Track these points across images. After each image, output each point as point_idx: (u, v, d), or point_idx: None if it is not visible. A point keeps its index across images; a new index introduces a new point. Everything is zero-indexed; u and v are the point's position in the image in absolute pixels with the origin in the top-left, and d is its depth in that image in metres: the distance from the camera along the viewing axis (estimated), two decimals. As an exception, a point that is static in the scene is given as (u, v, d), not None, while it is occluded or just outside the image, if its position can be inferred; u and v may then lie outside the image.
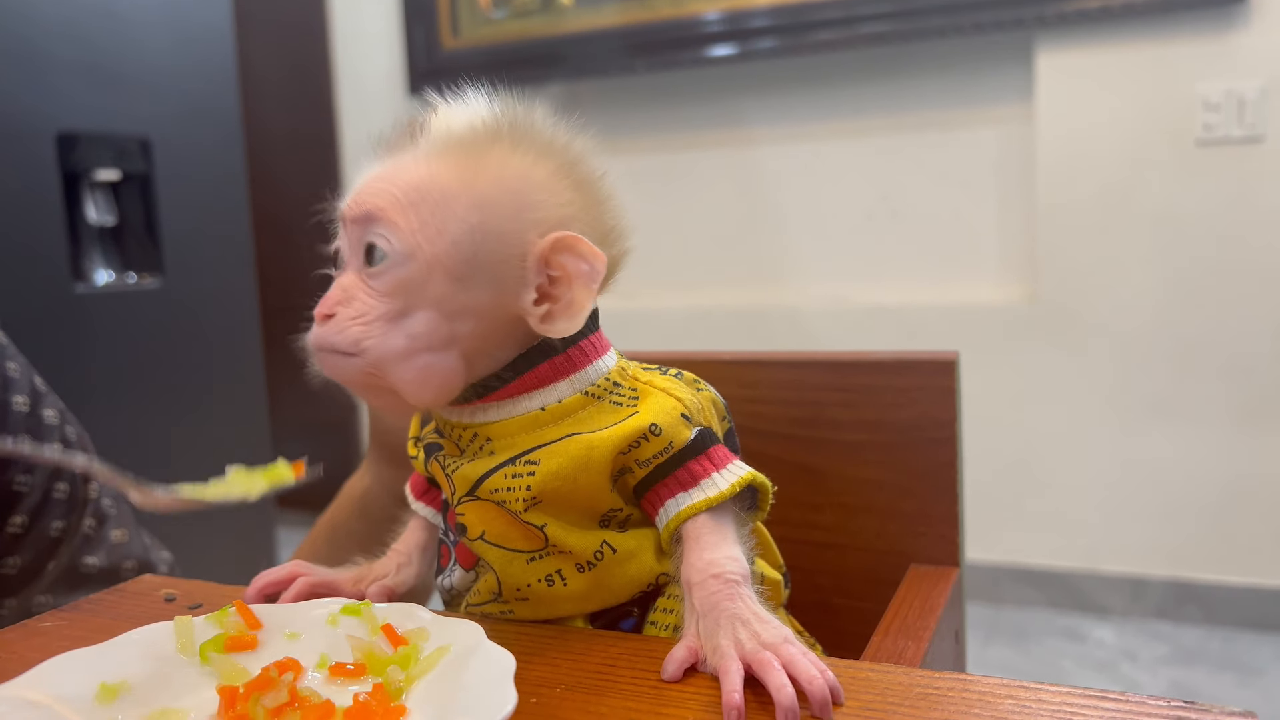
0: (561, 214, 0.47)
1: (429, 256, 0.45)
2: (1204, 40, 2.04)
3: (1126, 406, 2.17)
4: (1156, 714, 0.37)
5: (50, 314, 1.75)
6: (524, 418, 0.47)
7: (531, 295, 0.46)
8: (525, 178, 0.47)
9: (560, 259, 0.46)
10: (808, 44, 2.32)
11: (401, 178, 0.46)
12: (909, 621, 0.56)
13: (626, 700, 0.40)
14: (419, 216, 0.45)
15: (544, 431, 0.47)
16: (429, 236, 0.45)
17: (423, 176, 0.46)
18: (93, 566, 0.74)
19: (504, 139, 0.47)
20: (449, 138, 0.47)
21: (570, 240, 0.46)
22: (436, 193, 0.46)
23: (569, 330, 0.46)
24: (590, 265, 0.46)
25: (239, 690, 0.38)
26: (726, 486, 0.46)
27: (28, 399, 0.72)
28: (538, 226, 0.46)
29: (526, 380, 0.47)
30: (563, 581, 0.48)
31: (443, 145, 0.47)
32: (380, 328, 0.45)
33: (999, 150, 2.28)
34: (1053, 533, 2.27)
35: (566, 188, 0.47)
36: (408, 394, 0.47)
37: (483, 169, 0.46)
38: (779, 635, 0.41)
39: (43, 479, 0.72)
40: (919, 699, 0.39)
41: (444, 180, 0.46)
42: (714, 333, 2.48)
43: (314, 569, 0.53)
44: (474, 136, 0.47)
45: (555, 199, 0.47)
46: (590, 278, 0.46)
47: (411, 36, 2.76)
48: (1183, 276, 2.10)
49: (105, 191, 1.94)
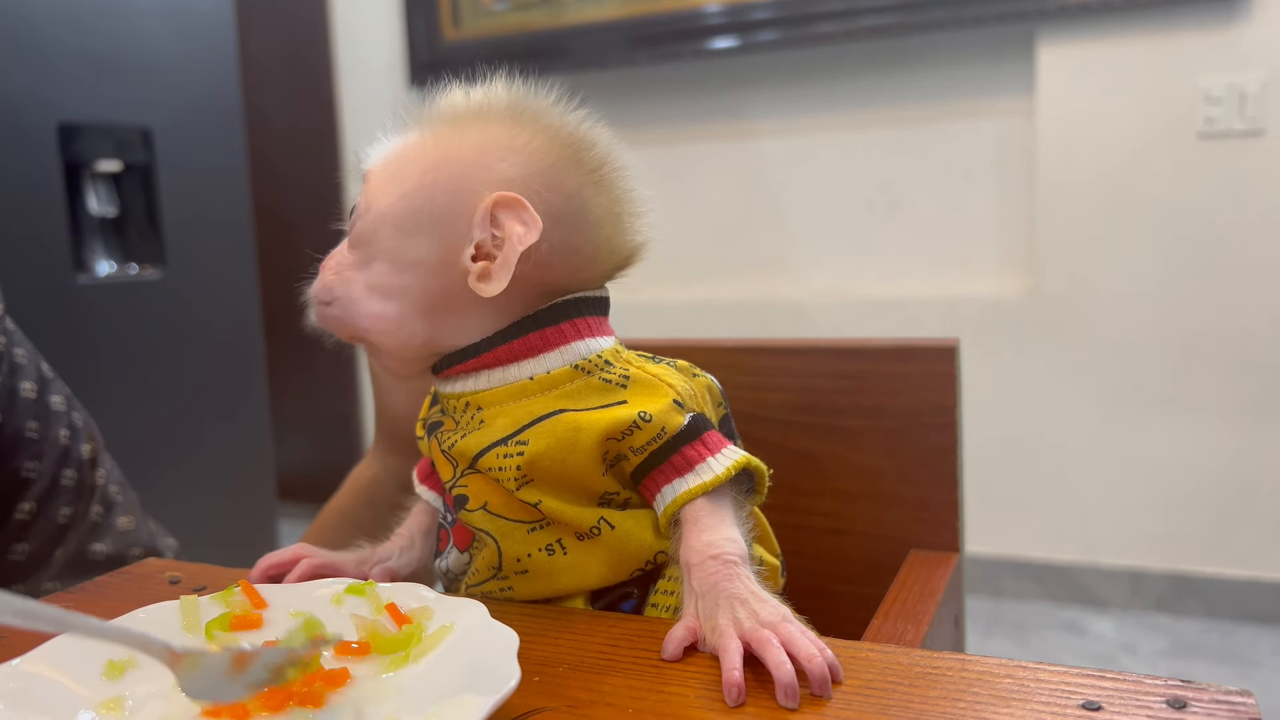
0: (521, 176, 0.48)
1: (382, 209, 0.49)
2: (1206, 33, 2.03)
3: (1126, 399, 2.18)
4: (1154, 692, 0.37)
5: (52, 305, 1.75)
6: (513, 386, 0.48)
7: (470, 251, 0.48)
8: (496, 143, 0.49)
9: (501, 216, 0.47)
10: (809, 36, 2.32)
11: (395, 145, 0.51)
12: (909, 605, 0.56)
13: (629, 679, 0.40)
14: (386, 174, 0.50)
15: (532, 402, 0.48)
16: (387, 190, 0.50)
17: (410, 143, 0.50)
18: (100, 553, 0.75)
19: (496, 113, 0.50)
20: (447, 111, 0.51)
21: (510, 199, 0.47)
22: (410, 154, 0.50)
23: (494, 290, 0.47)
24: (526, 228, 0.46)
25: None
26: (721, 471, 0.46)
27: (35, 385, 0.72)
28: (490, 185, 0.48)
29: (515, 348, 0.48)
30: (563, 550, 0.48)
31: (438, 117, 0.51)
32: (346, 276, 0.50)
33: (1000, 143, 2.28)
34: (1052, 526, 2.28)
35: (555, 161, 0.49)
36: (375, 345, 0.51)
37: (460, 135, 0.50)
38: (777, 614, 0.41)
39: (51, 466, 0.72)
40: (918, 678, 0.39)
41: (423, 145, 0.50)
42: (714, 325, 2.49)
43: (318, 551, 0.54)
44: (467, 109, 0.51)
45: (521, 162, 0.49)
46: (523, 240, 0.46)
47: (412, 28, 2.76)
48: (1183, 270, 2.10)
49: (107, 182, 1.94)
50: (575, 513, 0.48)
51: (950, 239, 2.35)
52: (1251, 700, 0.36)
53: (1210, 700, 0.36)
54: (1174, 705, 0.36)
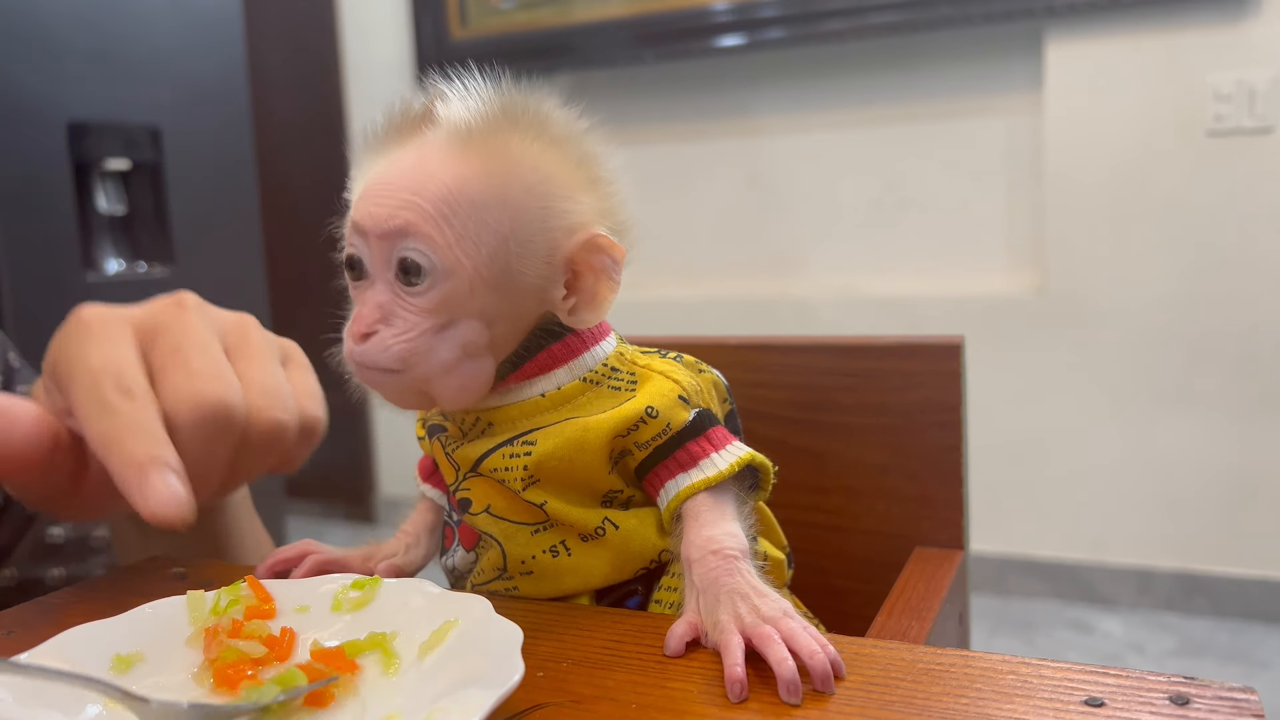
0: (583, 213, 0.47)
1: (471, 271, 0.45)
2: (1215, 30, 2.03)
3: (1134, 397, 2.17)
4: (1157, 689, 0.37)
5: (61, 303, 1.75)
6: (525, 404, 0.48)
7: (561, 292, 0.47)
8: (549, 179, 0.47)
9: (585, 257, 0.47)
10: (817, 34, 2.32)
11: (428, 187, 0.45)
12: (913, 602, 0.56)
13: (632, 674, 0.40)
14: (454, 230, 0.44)
15: (544, 417, 0.48)
16: (467, 251, 0.44)
17: (449, 183, 0.45)
18: (59, 537, 0.73)
19: (519, 132, 0.46)
20: (463, 132, 0.46)
21: (595, 241, 0.47)
22: (466, 202, 0.45)
23: (595, 320, 0.48)
24: (613, 259, 0.47)
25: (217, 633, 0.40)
26: (725, 466, 0.47)
27: (1, 376, 0.71)
28: (563, 228, 0.47)
29: (528, 368, 0.48)
30: (567, 552, 0.48)
31: (460, 141, 0.46)
32: (426, 342, 0.45)
33: (1008, 140, 2.28)
34: (1060, 524, 2.27)
35: (582, 183, 0.48)
36: (449, 402, 0.47)
37: (507, 170, 0.46)
38: (778, 609, 0.41)
39: None
40: (921, 674, 0.39)
41: (471, 186, 0.45)
42: (721, 323, 2.49)
43: (324, 547, 0.54)
44: (490, 131, 0.46)
45: (577, 199, 0.47)
46: (613, 270, 0.47)
47: (420, 26, 2.77)
48: (1192, 267, 2.09)
49: (115, 181, 1.95)
50: (580, 514, 0.48)
51: (957, 236, 2.34)
52: (1255, 697, 0.36)
53: (1214, 697, 0.36)
54: (1177, 701, 0.36)
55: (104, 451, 0.45)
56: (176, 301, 0.51)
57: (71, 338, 0.49)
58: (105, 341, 0.48)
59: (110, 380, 0.46)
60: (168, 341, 0.49)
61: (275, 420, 0.50)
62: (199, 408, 0.46)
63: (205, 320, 0.51)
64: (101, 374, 0.46)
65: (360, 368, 0.47)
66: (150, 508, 0.43)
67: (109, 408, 0.45)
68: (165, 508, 0.43)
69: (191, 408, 0.46)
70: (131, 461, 0.44)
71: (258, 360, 0.51)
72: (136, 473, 0.44)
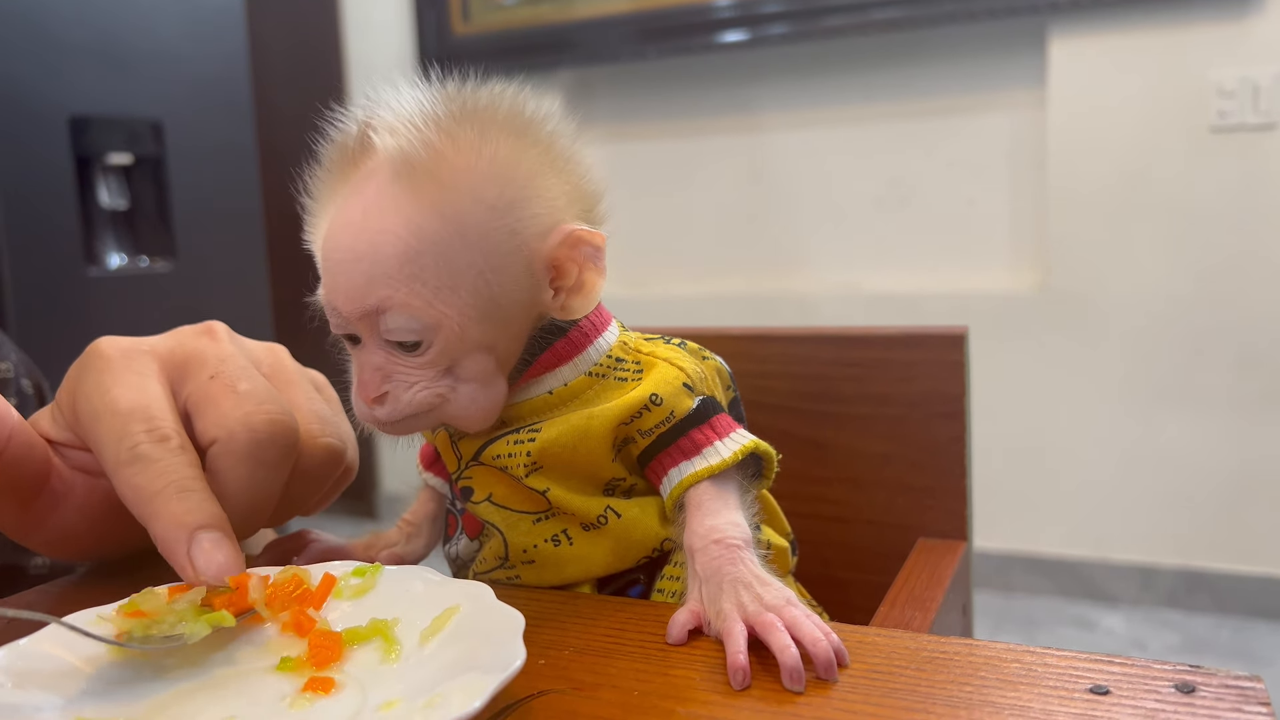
0: (552, 207, 0.45)
1: (457, 318, 0.43)
2: (1218, 27, 2.02)
3: (1137, 394, 2.17)
4: (1162, 677, 0.37)
5: (63, 297, 1.76)
6: (535, 400, 0.48)
7: (549, 293, 0.46)
8: (507, 183, 0.44)
9: (565, 253, 0.46)
10: (819, 30, 2.31)
11: (385, 248, 0.42)
12: (916, 592, 0.56)
13: (634, 662, 0.40)
14: (427, 287, 0.43)
15: (551, 413, 0.48)
16: (446, 300, 0.43)
17: (403, 235, 0.42)
18: None
19: (461, 146, 0.43)
20: (404, 165, 0.43)
21: (572, 237, 0.45)
22: (429, 249, 0.42)
23: (589, 308, 0.47)
24: (594, 246, 0.46)
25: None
26: (729, 454, 0.46)
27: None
28: (536, 233, 0.45)
29: (534, 368, 0.48)
30: (569, 541, 0.48)
31: (404, 176, 0.43)
32: (437, 388, 0.45)
33: (1011, 137, 2.27)
34: (1062, 521, 2.27)
35: (544, 168, 0.46)
36: (472, 426, 0.47)
37: (458, 196, 0.43)
38: (781, 597, 0.41)
39: None
40: (925, 662, 0.39)
41: (428, 228, 0.42)
42: (723, 319, 2.49)
43: (324, 535, 0.54)
44: (432, 156, 0.43)
45: (542, 193, 0.45)
46: (596, 257, 0.46)
47: (422, 21, 2.77)
48: (1195, 264, 2.09)
49: (117, 175, 1.95)
50: (582, 502, 0.48)
51: (960, 233, 2.34)
52: (1261, 685, 0.36)
53: (1219, 685, 0.36)
54: (1182, 690, 0.36)
55: (141, 508, 0.42)
56: (206, 330, 0.49)
57: (90, 373, 0.45)
58: (130, 377, 0.44)
59: (140, 425, 0.43)
60: (204, 371, 0.46)
61: (329, 447, 0.48)
62: (253, 431, 0.44)
63: (239, 348, 0.48)
64: (130, 418, 0.43)
65: (381, 426, 0.46)
66: (200, 577, 0.40)
67: (142, 458, 0.42)
68: (216, 576, 0.40)
69: (245, 433, 0.44)
70: (175, 523, 0.41)
71: (299, 387, 0.49)
72: (183, 536, 0.41)
